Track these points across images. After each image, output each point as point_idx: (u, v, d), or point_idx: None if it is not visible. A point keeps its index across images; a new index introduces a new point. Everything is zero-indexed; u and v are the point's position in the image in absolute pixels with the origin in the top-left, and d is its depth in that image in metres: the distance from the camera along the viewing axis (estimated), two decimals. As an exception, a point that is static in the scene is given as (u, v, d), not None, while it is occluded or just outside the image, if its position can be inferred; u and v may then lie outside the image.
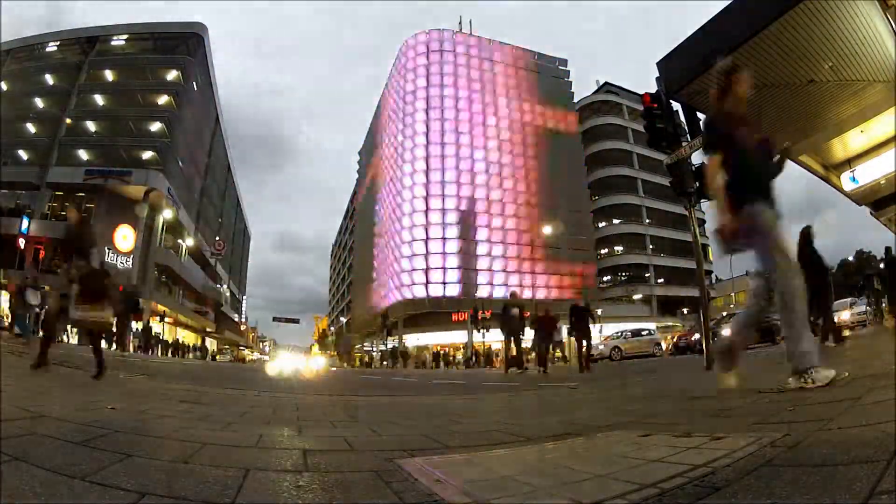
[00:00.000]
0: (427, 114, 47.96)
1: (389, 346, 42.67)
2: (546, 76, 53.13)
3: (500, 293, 44.53)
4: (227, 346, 55.59)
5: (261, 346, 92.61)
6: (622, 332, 22.67)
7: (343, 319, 77.68)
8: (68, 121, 33.31)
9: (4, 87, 33.45)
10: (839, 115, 10.61)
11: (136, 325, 27.53)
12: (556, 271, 46.24)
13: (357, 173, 76.67)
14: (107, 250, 29.63)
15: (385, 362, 39.07)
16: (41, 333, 8.45)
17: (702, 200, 8.35)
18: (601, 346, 20.00)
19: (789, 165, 3.79)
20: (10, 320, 23.82)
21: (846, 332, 9.11)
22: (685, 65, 9.15)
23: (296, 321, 66.95)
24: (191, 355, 31.61)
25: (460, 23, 53.42)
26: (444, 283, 44.33)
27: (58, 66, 35.61)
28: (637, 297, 47.42)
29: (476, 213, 46.15)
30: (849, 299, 15.98)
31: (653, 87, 8.88)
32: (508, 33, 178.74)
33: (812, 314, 7.80)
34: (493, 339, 30.55)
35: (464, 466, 1.66)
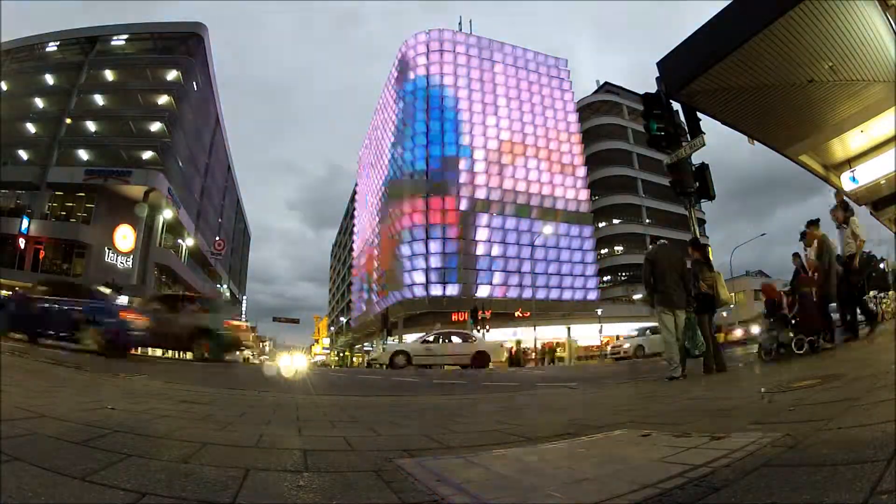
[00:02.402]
0: (427, 114, 47.94)
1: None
2: (546, 76, 53.12)
3: (499, 293, 44.55)
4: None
5: (261, 346, 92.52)
6: None
7: (343, 319, 77.70)
8: (68, 121, 33.28)
9: (4, 87, 33.43)
10: (839, 115, 10.60)
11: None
12: (557, 271, 46.25)
13: (357, 174, 76.70)
14: (107, 250, 29.64)
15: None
16: None
17: (702, 200, 8.35)
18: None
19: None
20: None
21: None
22: (685, 65, 9.15)
23: (296, 321, 66.97)
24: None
25: (460, 23, 53.46)
26: (444, 282, 44.31)
27: (58, 66, 35.59)
28: (637, 296, 47.41)
29: (476, 214, 46.13)
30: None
31: (653, 87, 8.88)
32: (508, 33, 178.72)
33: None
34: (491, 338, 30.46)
35: (464, 466, 1.66)
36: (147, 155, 33.77)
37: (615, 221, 51.09)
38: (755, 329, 16.11)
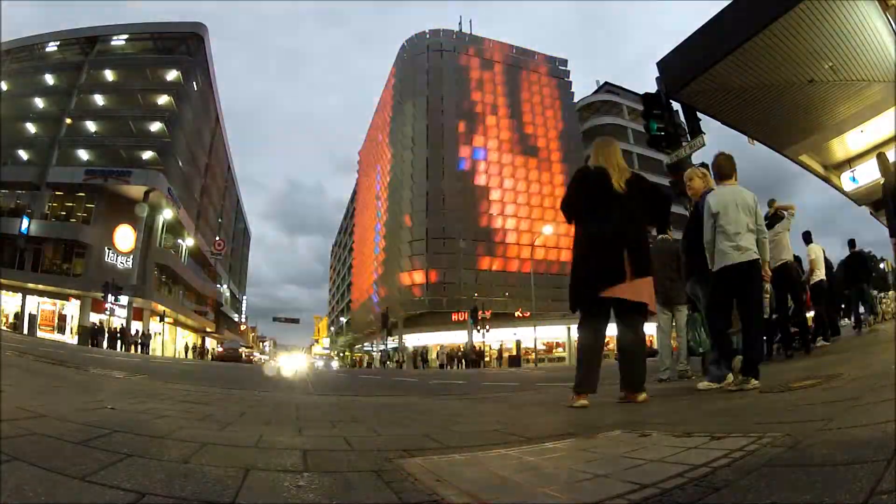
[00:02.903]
0: (427, 114, 47.94)
1: (390, 346, 42.68)
2: (546, 76, 53.12)
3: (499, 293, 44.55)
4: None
5: (261, 346, 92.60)
6: None
7: (343, 319, 77.74)
8: (68, 121, 33.27)
9: (4, 87, 33.43)
10: (839, 115, 10.62)
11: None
12: (557, 271, 46.21)
13: (357, 173, 76.69)
14: (107, 250, 29.64)
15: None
16: None
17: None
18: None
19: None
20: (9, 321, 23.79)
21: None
22: (685, 65, 9.16)
23: (296, 321, 67.09)
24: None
25: (460, 23, 53.50)
26: (444, 283, 44.31)
27: (58, 66, 35.59)
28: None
29: (476, 213, 46.13)
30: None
31: (653, 87, 8.89)
32: (508, 33, 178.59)
33: None
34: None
35: (464, 466, 1.66)
36: (147, 155, 33.79)
37: (615, 221, 50.99)
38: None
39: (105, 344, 23.78)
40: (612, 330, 3.60)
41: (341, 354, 69.93)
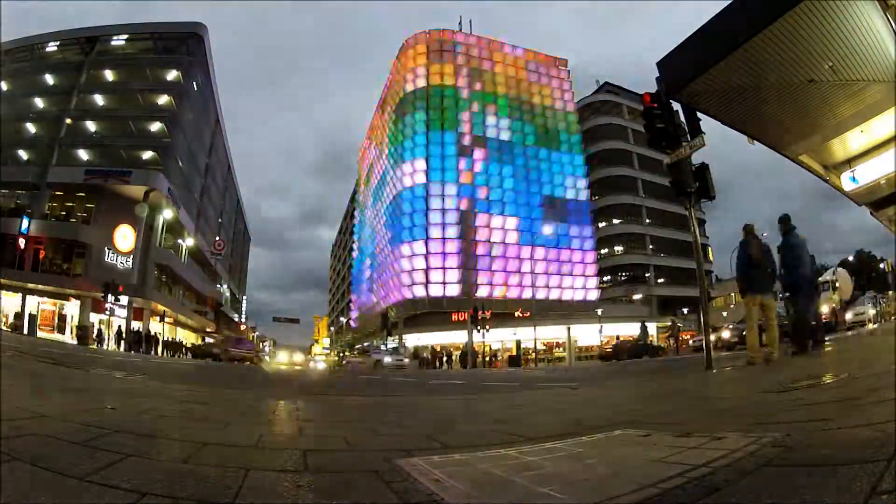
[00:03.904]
0: (426, 113, 47.92)
1: (390, 346, 42.60)
2: (546, 76, 53.11)
3: (500, 293, 44.55)
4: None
5: (261, 346, 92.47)
6: None
7: (343, 319, 77.72)
8: (68, 121, 33.27)
9: (4, 87, 33.41)
10: (839, 115, 10.60)
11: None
12: (557, 270, 46.20)
13: (357, 173, 76.69)
14: (107, 250, 29.62)
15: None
16: None
17: (702, 200, 8.34)
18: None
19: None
20: (10, 321, 23.75)
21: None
22: (685, 65, 9.14)
23: (296, 321, 66.95)
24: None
25: (460, 22, 53.45)
26: (444, 283, 44.28)
27: (58, 66, 35.59)
28: (637, 297, 47.39)
29: (476, 213, 46.11)
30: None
31: (653, 87, 8.86)
32: (508, 33, 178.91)
33: None
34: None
35: (464, 466, 1.65)
36: (147, 155, 33.76)
37: (615, 221, 51.05)
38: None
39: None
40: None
41: (341, 354, 69.88)
